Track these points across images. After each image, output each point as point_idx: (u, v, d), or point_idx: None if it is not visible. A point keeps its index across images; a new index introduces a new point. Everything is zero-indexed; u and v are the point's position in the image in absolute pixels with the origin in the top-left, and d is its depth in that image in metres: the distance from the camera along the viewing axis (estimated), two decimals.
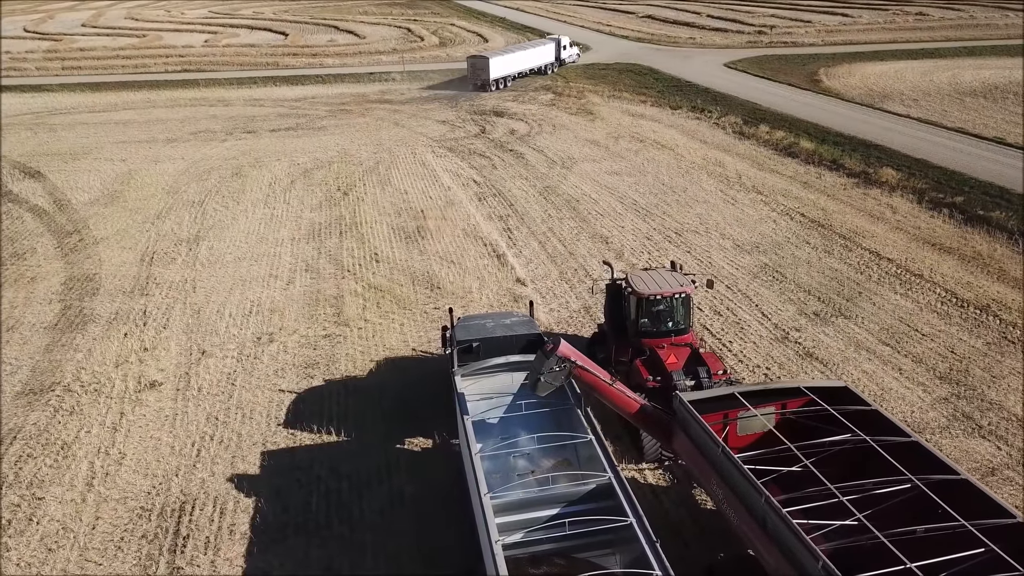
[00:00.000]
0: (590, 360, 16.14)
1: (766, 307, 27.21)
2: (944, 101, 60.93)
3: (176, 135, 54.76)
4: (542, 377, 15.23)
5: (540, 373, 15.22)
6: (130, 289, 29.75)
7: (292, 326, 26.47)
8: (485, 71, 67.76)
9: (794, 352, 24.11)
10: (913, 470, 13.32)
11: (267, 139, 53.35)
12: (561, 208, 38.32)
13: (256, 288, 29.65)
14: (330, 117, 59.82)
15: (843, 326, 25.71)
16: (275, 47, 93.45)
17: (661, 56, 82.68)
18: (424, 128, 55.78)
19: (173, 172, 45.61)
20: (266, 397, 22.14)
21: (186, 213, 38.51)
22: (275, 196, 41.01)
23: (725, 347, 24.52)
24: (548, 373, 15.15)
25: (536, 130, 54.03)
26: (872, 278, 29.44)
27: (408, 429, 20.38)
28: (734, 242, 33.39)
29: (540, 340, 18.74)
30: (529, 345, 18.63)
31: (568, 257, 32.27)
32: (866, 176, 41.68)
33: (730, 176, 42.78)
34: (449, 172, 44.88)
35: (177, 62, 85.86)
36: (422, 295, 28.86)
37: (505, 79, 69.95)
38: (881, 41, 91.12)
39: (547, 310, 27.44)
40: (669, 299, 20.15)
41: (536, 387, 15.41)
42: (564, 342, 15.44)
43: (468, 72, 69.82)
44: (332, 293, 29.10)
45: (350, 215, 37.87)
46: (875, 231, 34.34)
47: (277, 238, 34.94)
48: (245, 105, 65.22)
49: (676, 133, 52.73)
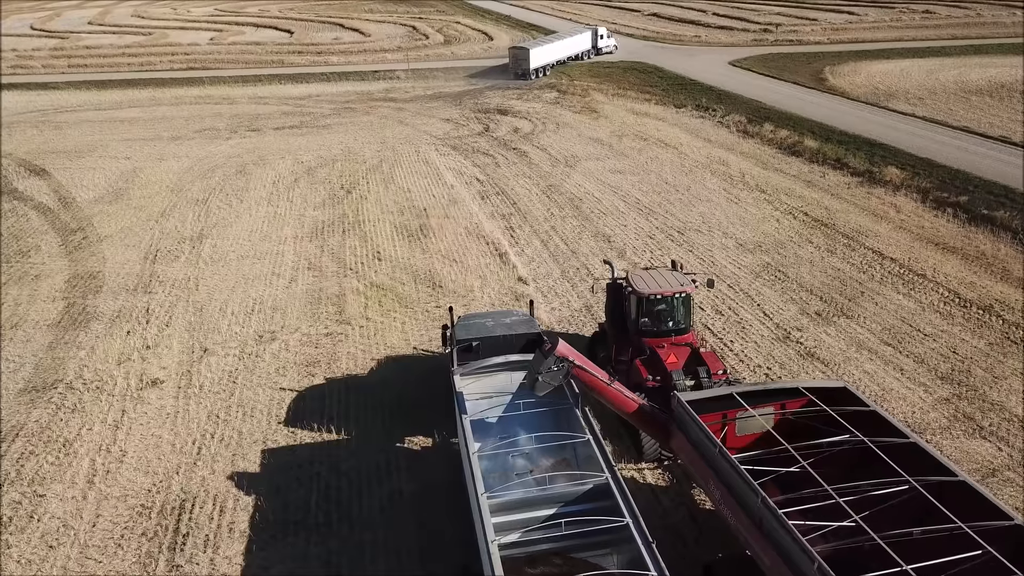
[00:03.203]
0: (588, 360, 16.15)
1: (768, 306, 27.16)
2: (950, 100, 60.68)
3: (181, 133, 54.90)
4: (540, 376, 15.24)
5: (538, 372, 15.23)
6: (133, 287, 29.85)
7: (294, 324, 26.54)
8: (526, 61, 71.91)
9: (795, 352, 24.06)
10: (912, 471, 13.30)
11: (271, 137, 53.45)
12: (564, 207, 38.31)
13: (258, 286, 29.72)
14: (334, 115, 59.90)
15: (845, 326, 25.65)
16: (280, 45, 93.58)
17: (666, 54, 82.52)
18: (428, 126, 55.81)
19: (177, 170, 45.73)
20: (267, 395, 22.21)
21: (190, 211, 38.61)
22: (278, 194, 41.09)
23: (726, 347, 24.49)
24: (546, 372, 15.16)
25: (540, 128, 54.01)
26: (875, 278, 29.36)
27: (408, 428, 20.41)
28: (736, 241, 33.34)
29: (540, 339, 18.75)
30: (529, 344, 18.64)
31: (570, 256, 32.26)
32: (870, 175, 41.56)
33: (734, 175, 42.70)
34: (452, 170, 44.90)
35: (182, 60, 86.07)
36: (424, 294, 28.90)
37: (544, 68, 74.16)
38: (887, 39, 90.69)
39: (548, 309, 27.44)
40: (669, 299, 20.14)
41: (535, 386, 15.42)
42: (562, 341, 15.45)
43: (510, 62, 73.92)
44: (334, 291, 29.15)
45: (353, 213, 37.92)
46: (878, 230, 34.24)
47: (280, 236, 35.02)
48: (250, 103, 65.36)
49: (680, 132, 52.65)
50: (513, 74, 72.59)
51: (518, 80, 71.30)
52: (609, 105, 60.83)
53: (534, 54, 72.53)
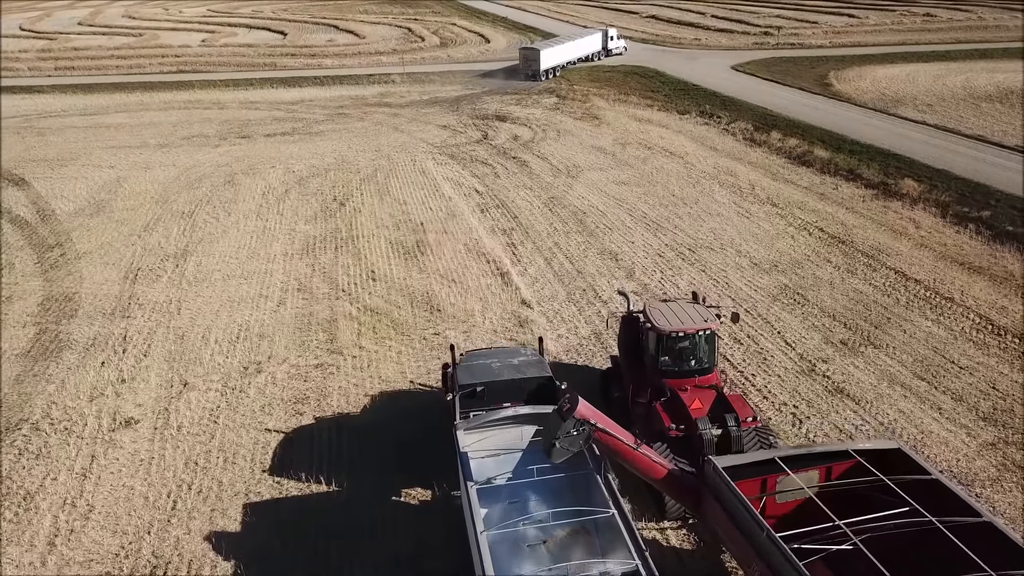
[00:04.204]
0: (611, 420, 14.35)
1: (789, 335, 25.43)
2: (959, 106, 59.08)
3: (168, 140, 52.97)
4: (558, 442, 13.42)
5: (556, 438, 13.42)
6: (111, 310, 27.97)
7: (282, 354, 24.69)
8: (536, 62, 70.86)
9: (822, 387, 22.31)
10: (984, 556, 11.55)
11: (262, 144, 51.57)
12: (567, 221, 36.54)
13: (245, 310, 27.87)
14: (327, 121, 58.03)
15: (873, 357, 23.92)
16: (273, 47, 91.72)
17: (666, 58, 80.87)
18: (424, 133, 53.98)
19: (163, 180, 43.83)
20: (251, 438, 20.37)
21: (174, 225, 36.73)
22: (268, 206, 39.23)
23: (748, 381, 22.73)
24: (565, 438, 13.35)
25: (540, 136, 52.23)
26: (900, 302, 27.65)
27: (405, 477, 18.60)
28: (751, 260, 31.62)
29: (552, 383, 17.00)
30: (540, 389, 16.90)
31: (576, 276, 30.49)
32: (885, 187, 39.90)
33: (743, 187, 40.99)
34: (450, 181, 43.09)
35: (173, 62, 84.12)
36: (421, 318, 27.09)
37: (555, 69, 73.09)
38: (890, 43, 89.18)
39: (555, 336, 25.64)
40: (692, 336, 18.37)
41: (551, 453, 13.58)
42: (583, 401, 13.65)
43: (520, 63, 72.93)
44: (325, 316, 27.32)
45: (346, 228, 36.09)
46: (899, 248, 32.56)
47: (269, 253, 33.16)
48: (240, 108, 63.44)
49: (685, 139, 50.94)
50: (523, 75, 71.60)
51: (528, 81, 70.33)
52: (611, 111, 59.07)
53: (545, 55, 71.41)
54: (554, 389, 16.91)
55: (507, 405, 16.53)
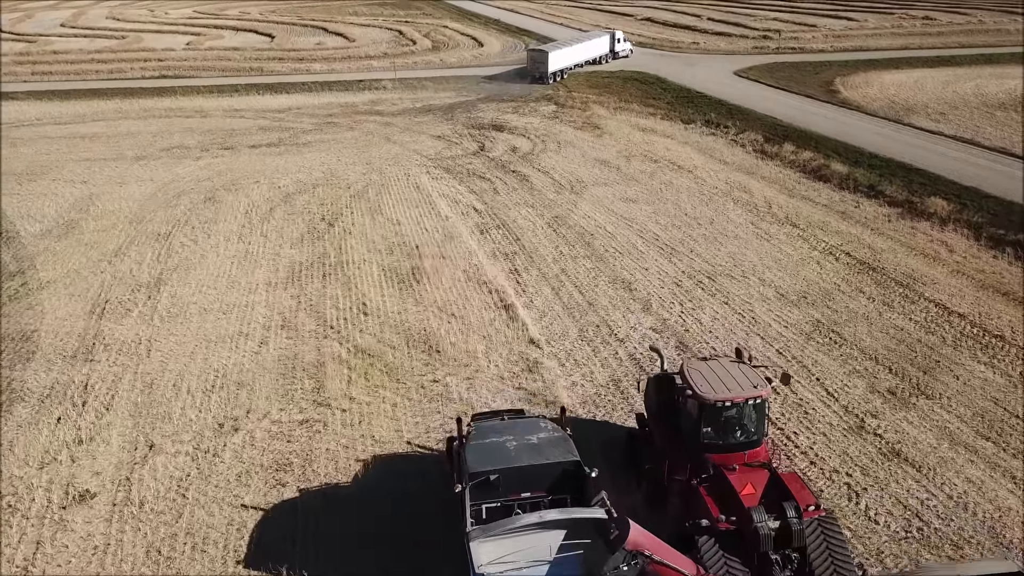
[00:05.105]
0: (669, 547, 11.70)
1: (829, 382, 22.86)
2: (973, 115, 56.79)
3: (146, 151, 50.01)
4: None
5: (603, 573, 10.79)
6: (72, 352, 25.12)
7: (262, 407, 21.93)
8: (544, 64, 69.55)
9: (875, 449, 19.74)
10: None
11: (246, 157, 48.69)
12: (574, 244, 33.91)
13: (222, 352, 25.08)
14: (316, 131, 55.15)
15: (927, 410, 21.38)
16: (260, 50, 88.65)
17: (665, 62, 78.35)
18: (418, 144, 51.21)
19: (139, 196, 40.93)
20: (224, 516, 17.63)
21: (149, 249, 33.87)
22: (251, 227, 36.41)
23: (790, 440, 20.16)
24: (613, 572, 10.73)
25: (540, 147, 49.56)
26: (946, 341, 25.15)
27: (405, 569, 15.89)
28: (777, 290, 29.06)
29: (579, 469, 14.37)
30: (565, 476, 14.26)
31: (587, 309, 27.86)
32: (911, 206, 37.45)
33: (759, 204, 38.46)
34: (446, 198, 40.38)
35: (155, 66, 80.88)
36: (418, 362, 24.37)
37: (562, 71, 71.63)
38: (892, 47, 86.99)
39: (568, 384, 23.00)
40: (741, 405, 15.75)
41: None
42: (634, 527, 11.00)
43: (528, 65, 71.99)
44: (311, 359, 24.57)
45: (335, 252, 33.34)
46: (934, 276, 30.10)
47: (250, 283, 30.37)
48: (224, 116, 60.45)
49: (692, 151, 48.39)
50: (531, 77, 70.38)
51: (535, 84, 69.00)
52: (612, 120, 56.47)
53: (552, 57, 69.93)
54: (583, 477, 14.30)
55: (526, 496, 13.90)
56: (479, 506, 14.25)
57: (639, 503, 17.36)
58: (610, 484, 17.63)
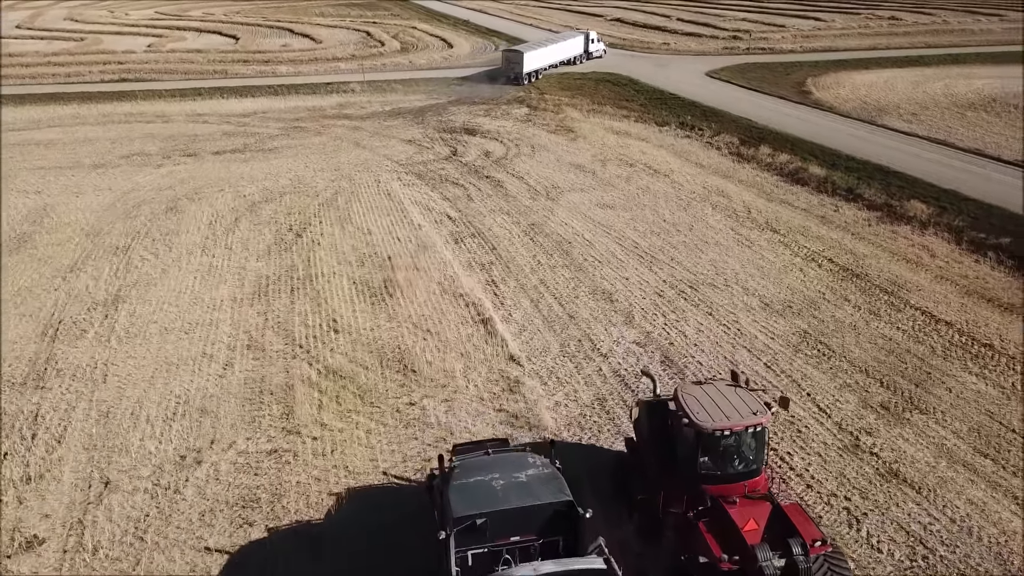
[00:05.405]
0: None
1: (820, 397, 22.10)
2: (945, 116, 56.88)
3: (104, 159, 48.08)
4: None
5: None
6: (22, 379, 23.56)
7: (227, 436, 20.61)
8: (519, 64, 69.04)
9: (873, 470, 18.98)
10: None
11: (210, 164, 47.00)
12: (552, 252, 32.92)
13: (184, 376, 23.67)
14: (282, 136, 53.56)
15: (922, 426, 20.70)
16: (224, 52, 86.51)
17: (636, 63, 77.78)
18: (388, 149, 49.89)
19: (97, 207, 39.16)
20: (186, 562, 16.34)
21: (106, 264, 32.26)
22: (215, 239, 34.90)
23: (784, 462, 19.33)
24: None
25: (513, 152, 48.52)
26: (936, 351, 24.55)
27: None
28: (761, 299, 28.32)
29: (572, 509, 13.34)
30: (557, 517, 13.23)
31: (568, 322, 26.87)
32: (890, 210, 37.00)
33: (738, 209, 37.79)
34: (419, 205, 39.18)
35: (115, 70, 78.44)
36: (393, 383, 23.19)
37: (538, 72, 71.29)
38: (860, 48, 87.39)
39: (551, 404, 21.99)
40: (740, 433, 14.85)
41: None
42: None
43: (502, 65, 71.47)
44: (280, 381, 23.28)
45: (304, 264, 32.00)
46: (918, 282, 29.58)
47: (214, 299, 28.94)
48: (187, 121, 58.51)
49: (668, 155, 47.67)
50: (505, 78, 69.89)
51: (510, 84, 68.57)
52: (586, 123, 55.59)
53: (528, 58, 69.50)
54: (576, 518, 13.27)
55: (515, 540, 12.86)
56: (464, 553, 13.17)
57: (631, 535, 16.42)
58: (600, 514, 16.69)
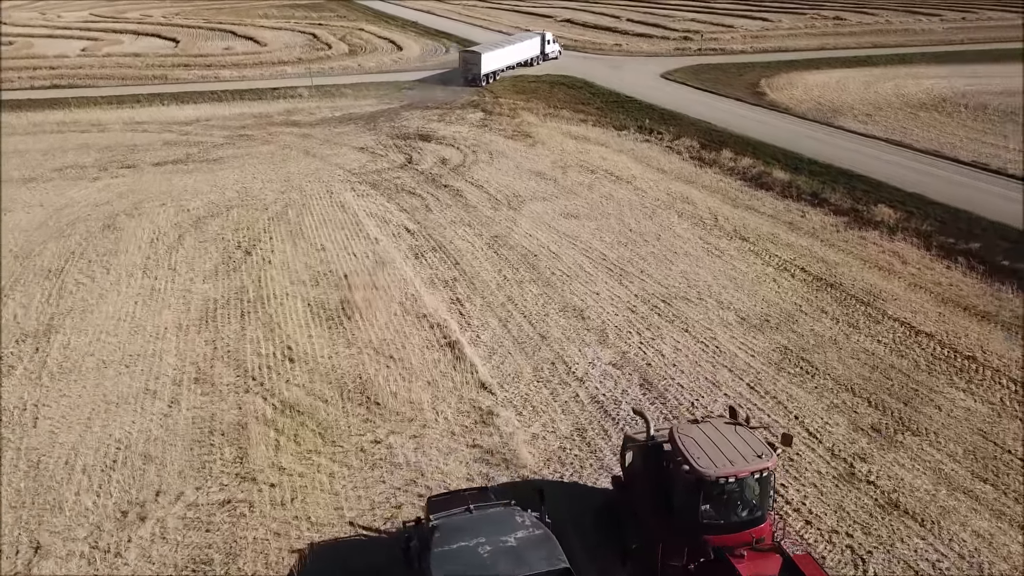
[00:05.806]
0: None
1: (809, 420, 21.12)
2: (898, 116, 57.15)
3: (35, 172, 45.13)
4: None
5: None
6: None
7: (175, 487, 18.70)
8: (477, 65, 68.82)
9: (872, 500, 17.99)
10: None
11: (150, 176, 44.43)
12: (517, 267, 31.51)
13: (125, 416, 21.61)
14: (228, 145, 51.11)
15: (916, 448, 19.84)
16: (164, 56, 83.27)
17: (590, 65, 76.96)
18: (340, 157, 47.90)
19: (26, 226, 36.46)
20: None
21: (37, 289, 29.82)
22: (157, 259, 32.64)
23: (779, 494, 18.18)
24: None
25: (471, 159, 46.99)
26: (920, 366, 23.82)
27: None
28: (737, 314, 27.33)
29: None
30: None
31: (540, 343, 25.49)
32: (857, 214, 36.55)
33: (704, 217, 36.90)
34: (375, 217, 37.39)
35: (47, 75, 74.67)
36: (356, 417, 21.51)
37: (495, 73, 71.23)
38: (809, 48, 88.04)
39: (527, 437, 20.56)
40: (745, 479, 13.62)
41: None
42: None
43: (460, 67, 71.15)
44: (231, 419, 21.40)
45: (254, 285, 30.02)
46: (893, 291, 28.98)
47: (157, 326, 26.81)
48: (125, 130, 55.55)
49: (628, 160, 46.71)
50: (463, 79, 69.36)
51: (468, 86, 68.17)
52: (543, 128, 54.38)
53: (486, 59, 69.37)
54: None
55: None
56: None
57: None
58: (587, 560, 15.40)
